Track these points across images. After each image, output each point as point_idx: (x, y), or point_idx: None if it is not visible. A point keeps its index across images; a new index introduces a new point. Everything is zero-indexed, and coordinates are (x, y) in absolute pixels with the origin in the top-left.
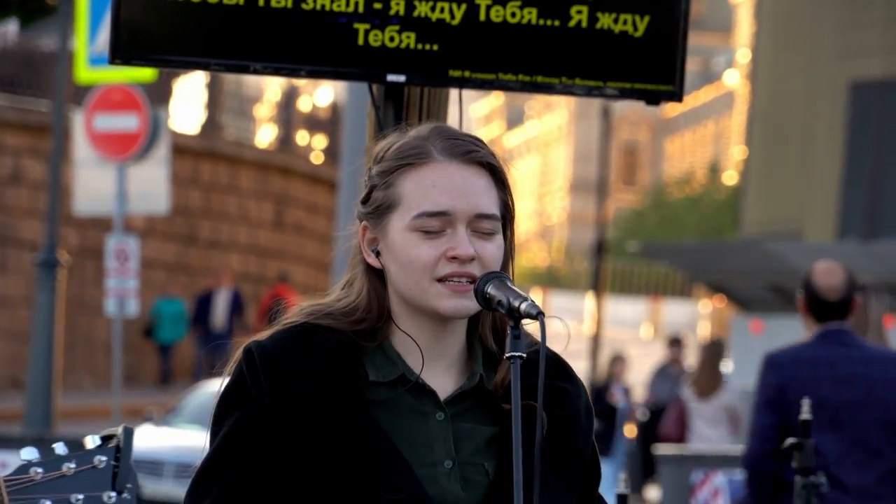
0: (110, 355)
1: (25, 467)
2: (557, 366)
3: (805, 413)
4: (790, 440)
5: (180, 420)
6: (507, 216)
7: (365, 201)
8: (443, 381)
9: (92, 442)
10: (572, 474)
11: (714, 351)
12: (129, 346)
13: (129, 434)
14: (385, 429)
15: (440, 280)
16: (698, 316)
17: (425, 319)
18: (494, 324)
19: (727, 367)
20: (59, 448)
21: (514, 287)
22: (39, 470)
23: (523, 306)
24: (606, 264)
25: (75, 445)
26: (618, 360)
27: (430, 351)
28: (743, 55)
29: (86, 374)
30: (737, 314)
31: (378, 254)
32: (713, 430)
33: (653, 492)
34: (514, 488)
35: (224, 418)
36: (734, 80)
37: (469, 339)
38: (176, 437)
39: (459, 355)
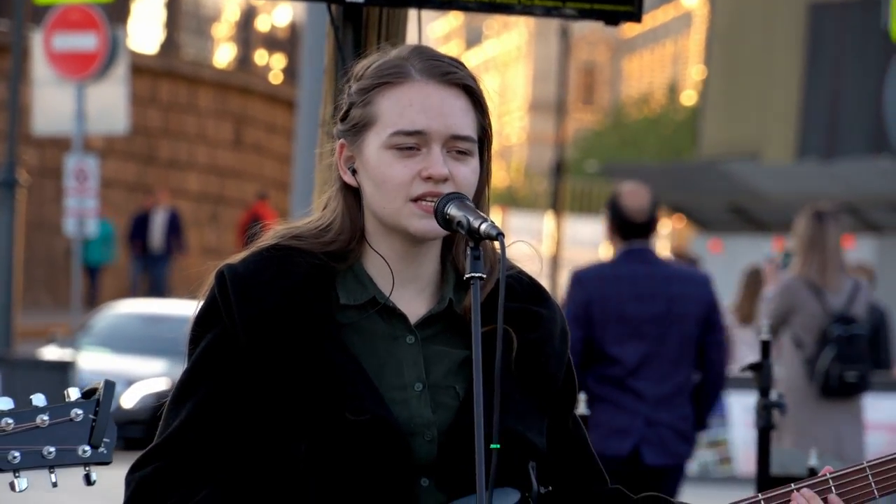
0: (69, 275)
1: None
2: (532, 289)
3: (764, 334)
4: (749, 360)
5: (88, 342)
6: (484, 140)
7: (343, 119)
8: (415, 304)
9: (73, 394)
10: (544, 397)
11: (754, 279)
12: (64, 267)
13: (109, 388)
14: (355, 352)
15: (414, 200)
16: (657, 236)
17: (398, 241)
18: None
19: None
20: (37, 399)
21: (473, 208)
22: (10, 421)
23: (483, 227)
24: (566, 184)
25: (31, 365)
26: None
27: (402, 274)
28: None
29: (45, 293)
30: (696, 234)
31: (355, 172)
32: (754, 355)
33: None
34: (475, 407)
35: (198, 340)
36: (692, 0)
37: (443, 263)
38: (81, 360)
39: (432, 279)
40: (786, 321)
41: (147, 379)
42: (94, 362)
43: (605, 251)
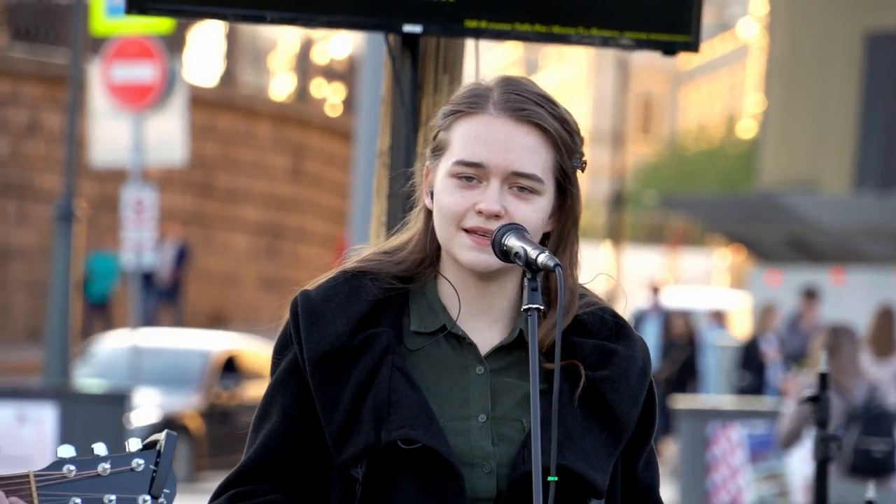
0: (126, 304)
1: (59, 464)
2: (614, 325)
3: (822, 366)
4: (807, 392)
5: (83, 374)
6: (562, 180)
7: (434, 140)
8: (487, 335)
9: (134, 445)
10: (612, 435)
11: (888, 319)
12: (122, 298)
13: (171, 440)
14: (421, 379)
15: (466, 230)
16: (714, 267)
17: (467, 271)
18: (548, 281)
19: None
20: (99, 448)
21: (531, 239)
22: (73, 468)
23: (541, 258)
24: (624, 215)
25: (88, 397)
26: (768, 312)
27: (473, 304)
28: (758, 6)
29: (102, 324)
30: (755, 266)
31: (432, 195)
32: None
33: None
34: (533, 442)
35: (275, 366)
36: (750, 31)
37: (521, 293)
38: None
39: (506, 311)
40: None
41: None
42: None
43: (664, 282)
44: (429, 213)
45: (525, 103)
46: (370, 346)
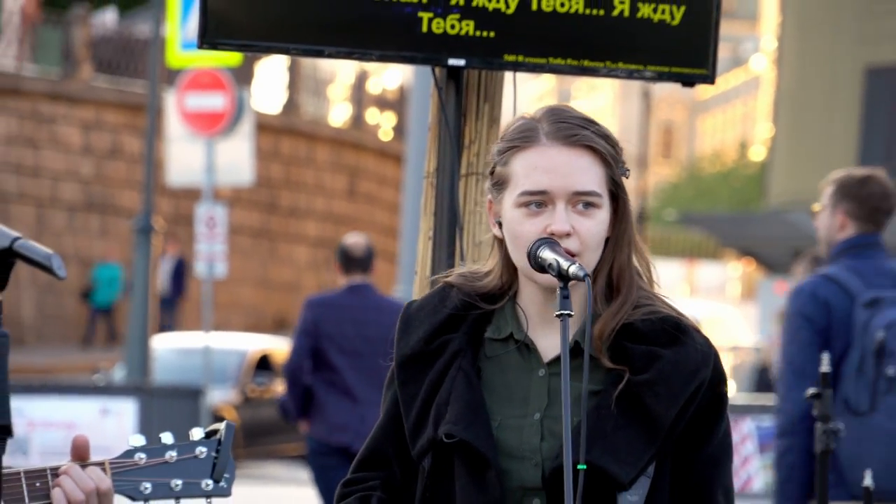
0: (200, 312)
1: (131, 452)
2: (672, 332)
3: (824, 366)
4: (811, 390)
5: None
6: (615, 189)
7: (491, 174)
8: (552, 342)
9: (197, 434)
10: (648, 433)
11: None
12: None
13: (230, 429)
14: (490, 381)
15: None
16: (728, 278)
17: (538, 287)
18: (610, 289)
19: None
20: (166, 437)
21: (563, 251)
22: (143, 456)
23: (572, 269)
24: (646, 231)
25: (166, 392)
26: (782, 316)
27: (543, 315)
28: (768, 42)
29: (179, 327)
30: (763, 276)
31: (500, 225)
32: None
33: None
34: (564, 435)
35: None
36: (760, 65)
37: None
38: None
39: (574, 320)
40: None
41: None
42: None
43: (684, 291)
44: (500, 242)
45: (573, 129)
46: (443, 351)
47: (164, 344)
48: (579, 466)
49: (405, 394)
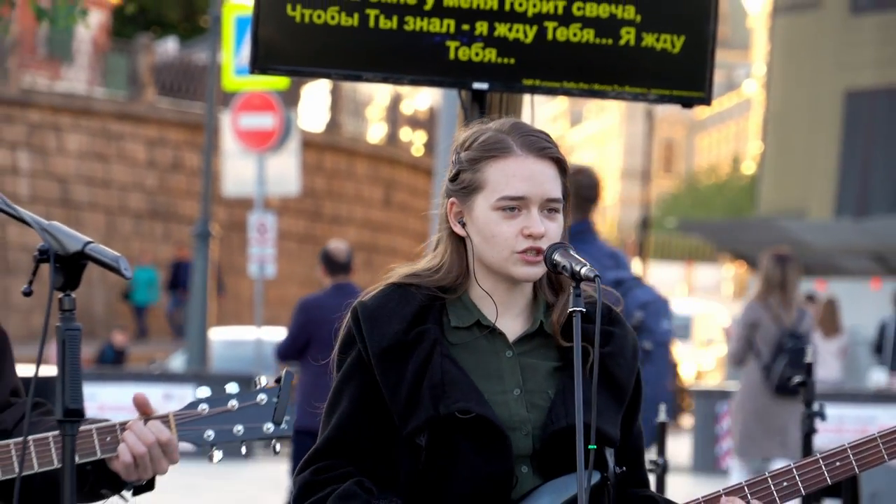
0: (252, 308)
1: (195, 404)
2: (607, 314)
3: (809, 357)
4: (797, 378)
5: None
6: (566, 197)
7: (453, 180)
8: (512, 325)
9: (258, 383)
10: (616, 398)
11: (833, 306)
12: (248, 301)
13: (289, 376)
14: (462, 364)
15: (517, 252)
16: (721, 278)
17: (500, 279)
18: (550, 280)
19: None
20: (231, 387)
21: (574, 255)
22: (206, 406)
23: (583, 270)
24: (650, 236)
25: (223, 378)
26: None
27: (503, 303)
28: (759, 68)
29: (233, 323)
30: (753, 277)
31: (463, 224)
32: (836, 361)
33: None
34: (576, 406)
35: (340, 363)
36: (751, 88)
37: (534, 291)
38: None
39: (526, 305)
40: (750, 337)
41: None
42: None
43: (683, 291)
44: (456, 238)
45: (542, 143)
46: (422, 340)
47: (220, 336)
48: (590, 447)
49: (387, 381)
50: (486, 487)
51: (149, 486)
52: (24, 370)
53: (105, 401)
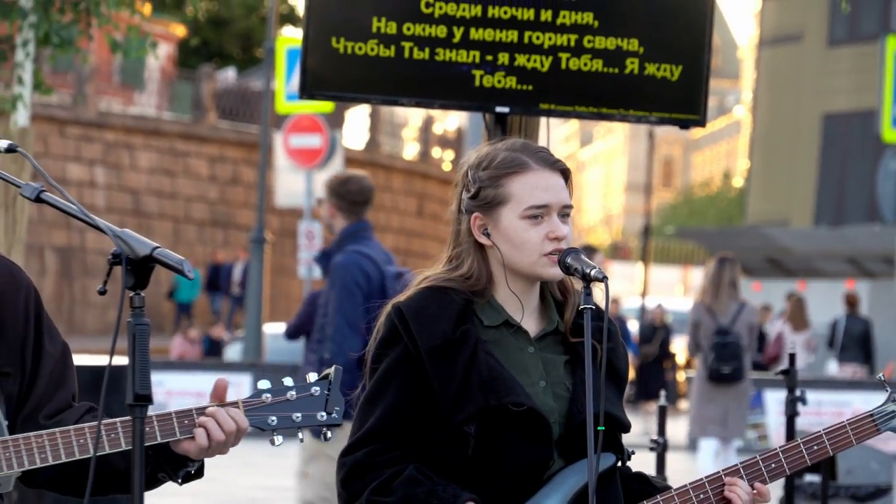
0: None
1: (259, 393)
2: (597, 312)
3: (790, 348)
4: (781, 368)
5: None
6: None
7: (474, 197)
8: (529, 323)
9: (312, 377)
10: (619, 386)
11: (799, 304)
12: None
13: (338, 372)
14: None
15: (544, 255)
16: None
17: (522, 282)
18: (560, 281)
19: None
20: (287, 381)
21: (584, 259)
22: (269, 395)
23: (593, 272)
24: (651, 242)
25: (275, 367)
26: (765, 310)
27: (527, 303)
28: (747, 95)
29: (284, 319)
30: (743, 279)
31: (487, 235)
32: (803, 352)
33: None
34: (587, 396)
35: (382, 358)
36: (740, 112)
37: (541, 292)
38: None
39: (538, 305)
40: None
41: None
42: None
43: (679, 290)
44: (481, 248)
45: (551, 157)
46: (466, 338)
47: (273, 330)
48: (599, 428)
49: (439, 374)
50: (527, 470)
51: (198, 473)
52: (100, 360)
53: (171, 387)
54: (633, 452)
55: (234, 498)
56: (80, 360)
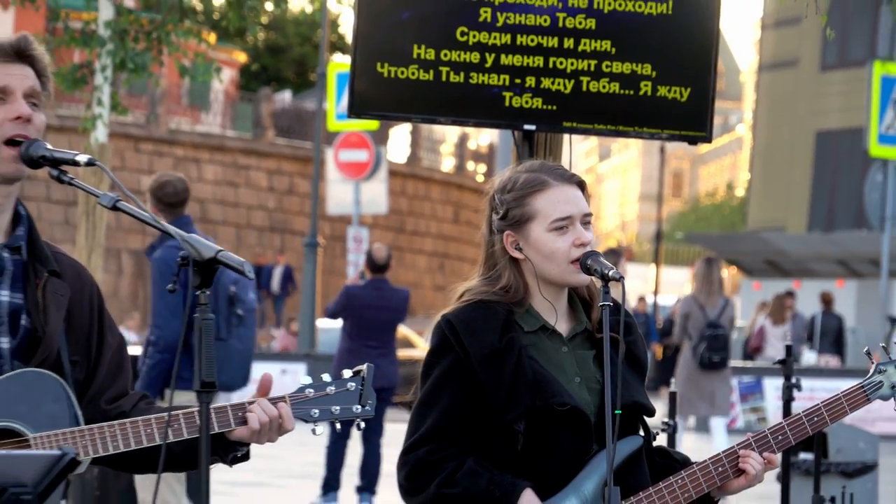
0: None
1: (302, 388)
2: (616, 308)
3: (788, 340)
4: (779, 358)
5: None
6: None
7: (504, 218)
8: (562, 325)
9: (347, 374)
10: (641, 375)
11: (781, 301)
12: None
13: (370, 369)
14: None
15: (572, 262)
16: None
17: (553, 289)
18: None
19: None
20: (325, 377)
21: (603, 261)
22: (311, 391)
23: (611, 273)
24: (662, 246)
25: (327, 357)
26: (763, 306)
27: (558, 308)
28: (748, 114)
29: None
30: (744, 278)
31: (520, 250)
32: (780, 343)
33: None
34: (606, 387)
35: (434, 366)
36: (742, 130)
37: (570, 296)
38: None
39: (567, 308)
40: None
41: None
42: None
43: (688, 289)
44: (515, 263)
45: (567, 172)
46: (511, 346)
47: (326, 325)
48: (616, 412)
49: (490, 379)
50: (571, 459)
51: (245, 457)
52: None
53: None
54: (657, 434)
55: (290, 472)
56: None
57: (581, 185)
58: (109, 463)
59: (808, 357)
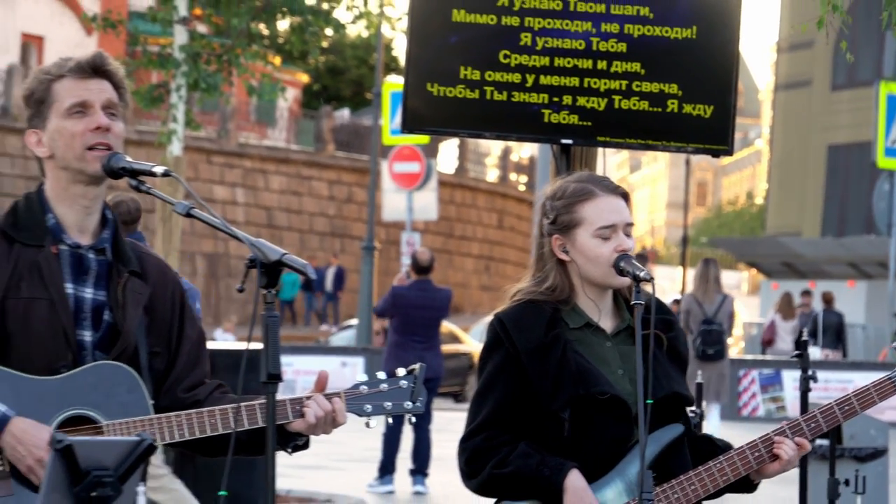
0: None
1: (357, 385)
2: (663, 307)
3: (804, 336)
4: (797, 351)
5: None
6: None
7: (553, 223)
8: (606, 322)
9: (400, 372)
10: (681, 369)
11: (789, 298)
12: None
13: (422, 369)
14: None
15: (613, 266)
16: (741, 280)
17: (596, 290)
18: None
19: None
20: (380, 374)
21: (635, 263)
22: (365, 387)
23: (642, 274)
24: (688, 250)
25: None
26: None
27: (601, 307)
28: (766, 130)
29: (289, 316)
30: (763, 279)
31: (566, 252)
32: (789, 337)
33: None
34: (637, 381)
35: (488, 361)
36: (760, 144)
37: (615, 297)
38: None
39: (612, 307)
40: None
41: None
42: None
43: None
44: (562, 264)
45: (612, 184)
46: (556, 340)
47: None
48: (647, 401)
49: (535, 372)
50: (613, 445)
51: (304, 446)
52: (240, 346)
53: (299, 367)
54: (698, 422)
55: (350, 456)
56: (224, 345)
57: (625, 196)
58: (184, 446)
59: (813, 351)
